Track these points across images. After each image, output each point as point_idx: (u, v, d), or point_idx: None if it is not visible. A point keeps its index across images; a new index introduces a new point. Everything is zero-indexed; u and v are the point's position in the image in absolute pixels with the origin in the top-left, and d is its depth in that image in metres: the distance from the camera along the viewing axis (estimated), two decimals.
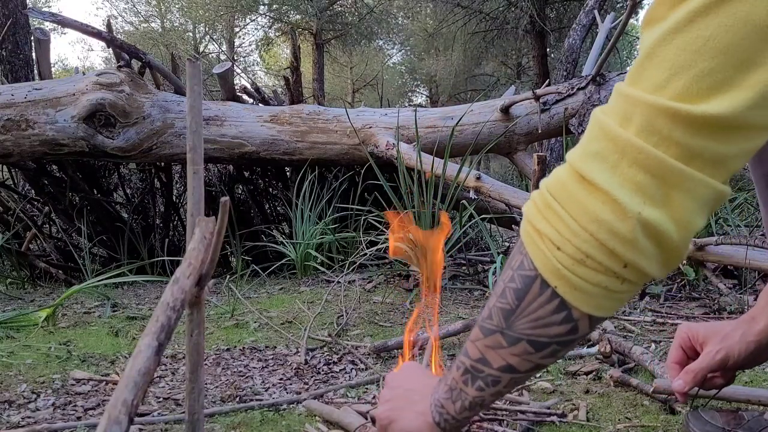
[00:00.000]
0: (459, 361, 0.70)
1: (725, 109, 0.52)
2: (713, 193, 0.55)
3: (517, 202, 2.68)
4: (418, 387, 0.80)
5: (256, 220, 3.61)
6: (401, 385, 0.82)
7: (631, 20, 12.64)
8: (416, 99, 24.62)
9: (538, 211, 0.61)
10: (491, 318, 0.65)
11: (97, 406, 1.41)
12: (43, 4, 21.66)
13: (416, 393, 0.79)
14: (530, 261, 0.61)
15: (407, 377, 0.84)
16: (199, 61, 0.85)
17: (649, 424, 1.22)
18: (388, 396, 0.82)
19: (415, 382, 0.82)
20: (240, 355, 1.81)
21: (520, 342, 0.63)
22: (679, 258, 0.58)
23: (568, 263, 0.57)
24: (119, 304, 2.47)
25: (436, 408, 0.73)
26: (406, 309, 2.28)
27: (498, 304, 0.64)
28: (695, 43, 0.52)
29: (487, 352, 0.66)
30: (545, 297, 0.60)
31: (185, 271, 0.70)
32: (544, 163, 1.21)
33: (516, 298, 0.62)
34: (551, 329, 0.61)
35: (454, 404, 0.71)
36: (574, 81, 3.39)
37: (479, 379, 0.68)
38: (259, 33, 18.49)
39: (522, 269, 0.62)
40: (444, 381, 0.73)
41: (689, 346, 0.97)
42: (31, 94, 2.82)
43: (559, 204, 0.58)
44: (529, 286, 0.61)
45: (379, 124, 3.25)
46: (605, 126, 0.57)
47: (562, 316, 0.60)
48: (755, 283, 2.40)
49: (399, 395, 0.81)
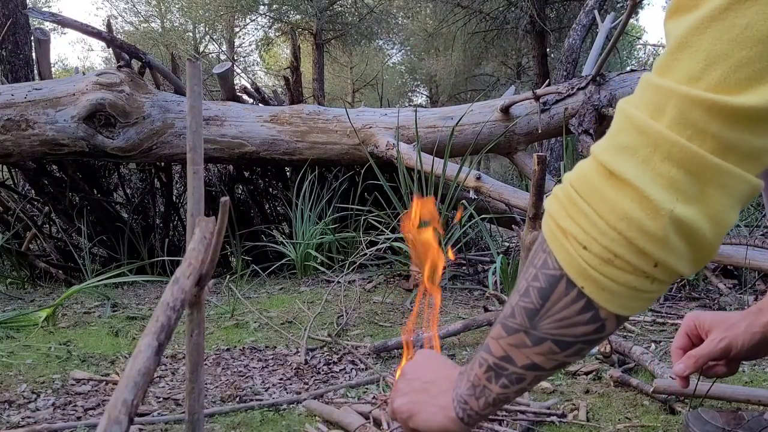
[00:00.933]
0: (481, 358, 0.69)
1: (765, 101, 0.50)
2: (749, 188, 0.53)
3: (517, 202, 2.68)
4: (437, 379, 0.78)
5: (256, 220, 3.61)
6: (419, 377, 0.80)
7: (631, 20, 12.65)
8: (416, 99, 24.62)
9: (561, 207, 0.58)
10: (514, 317, 0.63)
11: (97, 406, 1.41)
12: (43, 4, 21.66)
13: (436, 386, 0.77)
14: (554, 260, 0.59)
15: (425, 368, 0.82)
16: (199, 61, 0.85)
17: (649, 424, 1.22)
18: (407, 388, 0.80)
19: (433, 373, 0.80)
20: (240, 355, 1.81)
21: (545, 342, 0.62)
22: (711, 255, 0.56)
23: (595, 263, 0.55)
24: (119, 304, 2.47)
25: (459, 404, 0.72)
26: (406, 309, 2.28)
27: (521, 303, 0.62)
28: (731, 31, 0.50)
29: (511, 351, 0.65)
30: (571, 297, 0.58)
31: (185, 271, 0.70)
32: (544, 163, 1.21)
33: (540, 297, 0.60)
34: (577, 329, 0.60)
35: (478, 401, 0.70)
36: (574, 81, 3.39)
37: (503, 377, 0.67)
38: (259, 33, 18.49)
39: (546, 268, 0.60)
40: (466, 377, 0.72)
41: (695, 334, 0.97)
42: (31, 94, 2.82)
43: (585, 200, 0.56)
44: (554, 285, 0.59)
45: (379, 124, 3.25)
46: (635, 118, 0.54)
47: (588, 316, 0.58)
48: (755, 283, 2.40)
49: (418, 388, 0.79)
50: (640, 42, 18.13)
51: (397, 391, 0.81)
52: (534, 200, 1.25)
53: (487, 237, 2.94)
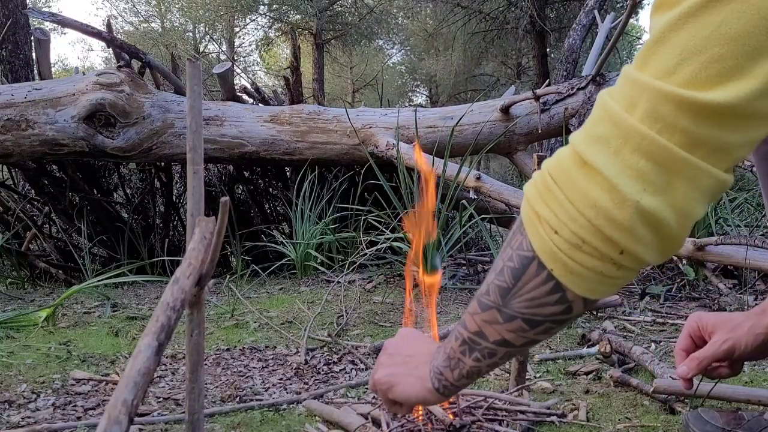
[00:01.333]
0: (457, 332, 0.72)
1: (732, 98, 0.51)
2: (716, 183, 0.55)
3: (516, 202, 2.68)
4: (416, 353, 0.81)
5: (256, 220, 3.61)
6: (400, 351, 0.84)
7: (631, 20, 12.64)
8: (416, 99, 24.61)
9: (537, 192, 0.60)
10: (488, 294, 0.66)
11: (97, 406, 1.41)
12: (43, 4, 21.65)
13: (415, 359, 0.81)
14: (528, 242, 0.61)
15: (405, 344, 0.85)
16: (199, 61, 0.85)
17: (649, 424, 1.22)
18: (388, 362, 0.84)
19: (413, 348, 0.83)
20: (240, 355, 1.81)
21: (515, 319, 0.65)
22: (677, 246, 0.58)
23: (565, 247, 0.57)
24: (119, 304, 2.47)
25: (435, 375, 0.76)
26: (406, 308, 2.28)
27: (496, 281, 0.65)
28: (706, 29, 0.52)
29: (484, 327, 0.67)
30: (541, 278, 0.61)
31: (185, 271, 0.70)
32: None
33: (513, 277, 0.63)
34: (546, 309, 0.62)
35: (452, 372, 0.74)
36: (574, 81, 3.39)
37: (476, 350, 0.70)
38: (259, 33, 18.49)
39: (520, 249, 0.62)
40: (443, 349, 0.75)
41: (698, 335, 0.98)
42: (31, 94, 2.82)
43: (559, 187, 0.58)
44: (526, 266, 0.61)
45: (379, 124, 3.25)
46: (610, 110, 0.56)
47: (556, 297, 0.61)
48: (755, 283, 2.40)
49: (398, 361, 0.82)
50: (640, 42, 18.13)
51: (379, 365, 0.84)
52: None
53: (487, 237, 2.94)
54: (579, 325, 1.97)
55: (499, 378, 1.54)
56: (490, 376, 1.55)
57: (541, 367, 1.61)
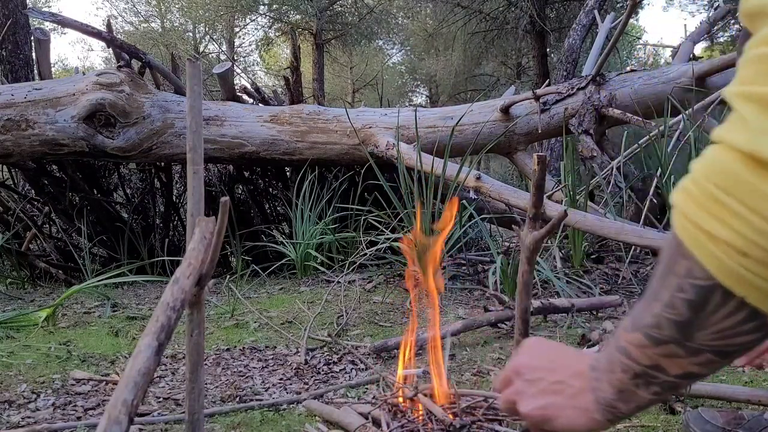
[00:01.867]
0: (623, 363, 0.63)
1: None
2: None
3: (517, 202, 2.68)
4: (565, 377, 0.72)
5: (256, 220, 3.61)
6: (541, 376, 0.74)
7: (631, 20, 12.61)
8: (416, 99, 24.61)
9: (699, 206, 0.51)
10: (660, 328, 0.58)
11: (97, 406, 1.41)
12: (43, 4, 21.65)
13: (568, 386, 0.72)
14: (702, 268, 0.52)
15: (541, 364, 0.75)
16: (199, 61, 0.85)
17: (649, 424, 1.22)
18: (532, 390, 0.74)
19: (557, 370, 0.74)
20: (240, 355, 1.81)
21: (702, 353, 0.57)
22: None
23: (758, 269, 0.48)
24: (119, 304, 2.47)
25: (605, 408, 0.68)
26: (406, 309, 2.28)
27: (667, 314, 0.56)
28: None
29: (662, 361, 0.60)
30: (730, 308, 0.52)
31: (185, 271, 0.70)
32: (544, 163, 1.21)
33: (691, 310, 0.54)
34: (740, 338, 0.54)
35: (627, 404, 0.66)
36: (574, 81, 3.39)
37: (655, 385, 0.62)
38: (259, 33, 18.49)
39: (692, 278, 0.53)
40: (606, 381, 0.67)
41: None
42: (31, 94, 2.82)
43: (734, 198, 0.49)
44: (707, 297, 0.53)
45: (379, 124, 3.25)
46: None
47: (753, 325, 0.52)
48: None
49: (545, 389, 0.73)
50: (640, 42, 18.13)
51: (521, 394, 0.75)
52: (534, 200, 1.24)
53: (487, 237, 2.94)
54: (579, 325, 1.97)
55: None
56: (489, 376, 1.55)
57: None
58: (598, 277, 2.64)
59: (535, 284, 2.41)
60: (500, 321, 1.90)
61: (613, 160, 3.03)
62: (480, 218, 2.84)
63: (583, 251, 2.75)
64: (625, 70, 3.48)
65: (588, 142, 3.15)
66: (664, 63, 17.87)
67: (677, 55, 4.05)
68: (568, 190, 2.79)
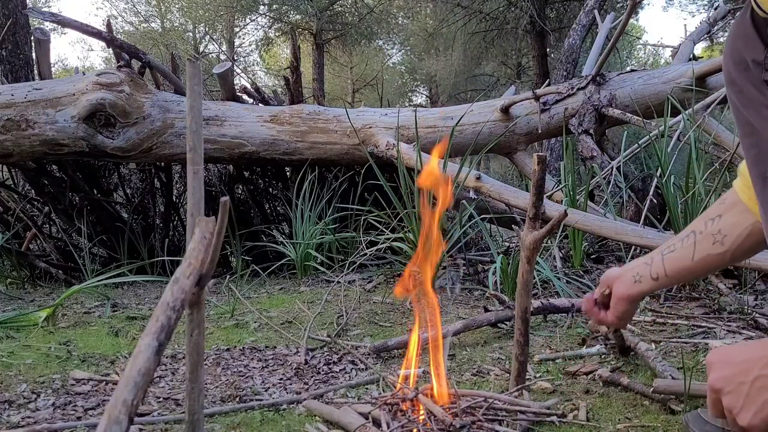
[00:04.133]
0: None
1: None
2: None
3: (517, 202, 2.68)
4: (761, 369, 0.73)
5: (256, 220, 3.61)
6: (742, 380, 0.74)
7: (631, 20, 12.59)
8: (416, 99, 24.62)
9: None
10: None
11: (97, 406, 1.41)
12: (43, 4, 21.65)
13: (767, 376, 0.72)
14: None
15: (732, 370, 0.75)
16: (199, 61, 0.85)
17: (649, 424, 1.22)
18: (740, 402, 0.73)
19: (748, 366, 0.73)
20: (240, 355, 1.81)
21: None
22: None
23: None
24: (119, 304, 2.47)
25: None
26: (406, 309, 2.28)
27: None
28: None
29: None
30: None
31: (185, 271, 0.70)
32: (544, 163, 1.21)
33: None
34: None
35: None
36: (574, 81, 3.39)
37: None
38: (259, 33, 18.49)
39: None
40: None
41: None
42: (31, 94, 2.82)
43: None
44: None
45: (379, 124, 3.25)
46: None
47: None
48: (755, 283, 2.40)
49: (751, 392, 0.73)
50: (640, 42, 18.13)
51: (733, 409, 0.74)
52: (534, 200, 1.24)
53: (487, 237, 2.94)
54: (579, 325, 1.97)
55: (499, 378, 1.54)
56: (489, 376, 1.55)
57: (541, 367, 1.61)
58: (598, 277, 2.64)
59: (535, 284, 2.41)
60: (500, 321, 1.90)
61: (613, 160, 3.03)
62: (480, 218, 2.84)
63: (582, 251, 2.75)
64: (625, 70, 3.48)
65: (588, 142, 3.15)
66: (664, 63, 17.86)
67: (677, 55, 4.05)
68: (568, 190, 2.79)
